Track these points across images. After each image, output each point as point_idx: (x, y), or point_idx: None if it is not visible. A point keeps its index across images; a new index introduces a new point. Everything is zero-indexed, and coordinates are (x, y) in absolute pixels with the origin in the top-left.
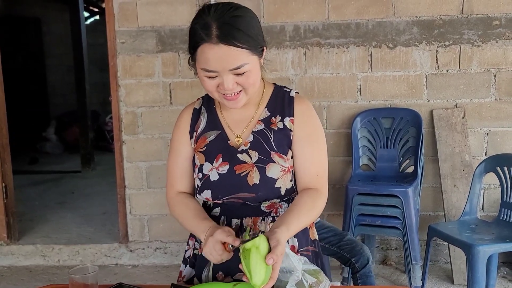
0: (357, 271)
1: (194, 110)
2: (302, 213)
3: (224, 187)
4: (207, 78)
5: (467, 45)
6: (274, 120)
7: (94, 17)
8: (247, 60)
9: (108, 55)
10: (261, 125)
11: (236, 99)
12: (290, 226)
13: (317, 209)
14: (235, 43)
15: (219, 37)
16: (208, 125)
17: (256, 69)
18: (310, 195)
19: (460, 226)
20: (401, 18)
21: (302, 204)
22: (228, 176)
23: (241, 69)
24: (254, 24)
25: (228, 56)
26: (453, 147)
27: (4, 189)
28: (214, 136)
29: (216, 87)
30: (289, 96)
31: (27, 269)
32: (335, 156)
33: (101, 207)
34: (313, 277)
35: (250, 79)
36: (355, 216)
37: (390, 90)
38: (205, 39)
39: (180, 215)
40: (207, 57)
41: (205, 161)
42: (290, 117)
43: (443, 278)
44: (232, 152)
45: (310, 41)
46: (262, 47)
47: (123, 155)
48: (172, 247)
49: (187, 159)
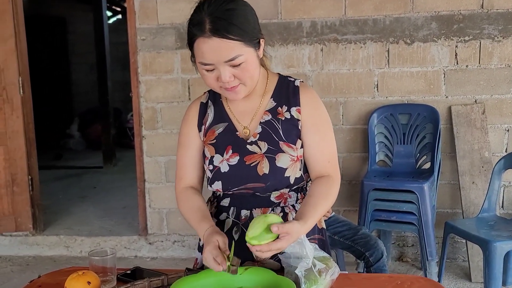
0: (371, 265)
1: (201, 104)
2: (319, 204)
3: (234, 178)
4: (206, 72)
5: (488, 40)
6: (281, 110)
7: (117, 16)
8: (241, 52)
9: (129, 52)
10: (268, 115)
11: (235, 90)
12: (307, 220)
13: (332, 196)
14: (227, 35)
15: (212, 30)
16: (215, 118)
17: (252, 61)
18: (323, 184)
19: (478, 223)
20: (419, 13)
21: (317, 195)
22: (238, 167)
23: (235, 60)
24: (247, 17)
25: (222, 49)
26: (472, 143)
27: (30, 181)
28: (223, 129)
29: (215, 80)
30: (294, 86)
31: (51, 259)
32: (351, 152)
33: (122, 201)
34: (323, 263)
35: (247, 71)
36: (371, 212)
37: (408, 86)
38: (199, 34)
39: (184, 213)
40: (203, 51)
41: (215, 153)
42: (297, 107)
43: (461, 275)
44: (241, 143)
45: (327, 37)
46: (258, 39)
47: (143, 149)
48: (190, 240)
49: (196, 152)
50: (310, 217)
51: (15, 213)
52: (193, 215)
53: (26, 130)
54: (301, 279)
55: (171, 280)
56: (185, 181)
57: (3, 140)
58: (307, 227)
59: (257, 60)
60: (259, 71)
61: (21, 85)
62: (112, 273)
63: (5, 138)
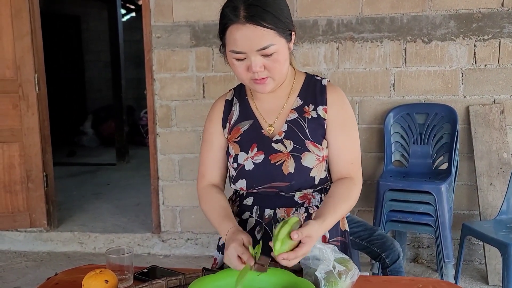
0: (387, 267)
1: (226, 101)
2: (338, 205)
3: (259, 176)
4: (236, 61)
5: (508, 39)
6: (307, 109)
7: (131, 14)
8: (274, 41)
9: (144, 50)
10: (294, 114)
11: (264, 82)
12: (326, 218)
13: (353, 199)
14: (261, 23)
15: (246, 17)
16: (241, 115)
17: (283, 52)
18: (344, 185)
19: (496, 225)
20: (437, 12)
21: (337, 196)
22: (263, 165)
23: (268, 49)
24: (282, 6)
25: (255, 36)
26: (490, 144)
27: (45, 178)
28: (248, 126)
29: (245, 71)
30: (321, 85)
31: (65, 255)
32: (367, 151)
33: (135, 198)
34: (342, 265)
35: (277, 62)
36: (386, 212)
37: (425, 86)
38: (233, 20)
39: (206, 211)
40: (235, 38)
41: (240, 151)
42: (323, 106)
43: (477, 278)
44: (266, 141)
45: (343, 35)
46: (290, 31)
47: (157, 147)
48: (203, 238)
49: (220, 149)
50: (328, 217)
51: (29, 209)
52: (216, 214)
53: (42, 127)
54: (321, 281)
55: (188, 279)
56: (207, 178)
57: (18, 136)
58: (326, 226)
59: (288, 52)
60: (288, 65)
61: (37, 82)
62: (129, 271)
63: (20, 135)
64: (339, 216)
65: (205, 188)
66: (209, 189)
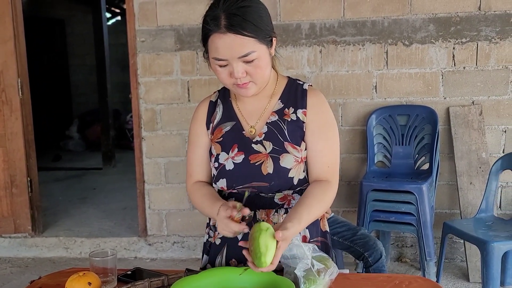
0: (370, 266)
1: (210, 103)
2: (313, 205)
3: (239, 176)
4: (219, 67)
5: (485, 42)
6: (287, 112)
7: (116, 18)
8: (254, 48)
9: (129, 54)
10: (275, 116)
11: (246, 87)
12: (301, 219)
13: (327, 201)
14: (242, 31)
15: (227, 26)
16: (224, 117)
17: (265, 58)
18: (320, 187)
19: (476, 223)
20: (417, 15)
21: (312, 196)
22: (243, 165)
23: (249, 56)
24: (261, 14)
25: (236, 44)
26: (470, 144)
27: (29, 183)
28: (230, 127)
29: (228, 76)
30: (302, 89)
31: (50, 260)
32: (350, 153)
33: (121, 202)
34: (321, 263)
35: (259, 68)
36: (369, 212)
37: (406, 88)
38: (214, 29)
39: (198, 203)
40: (217, 46)
41: (221, 151)
42: (303, 109)
43: (459, 275)
44: (247, 142)
45: (325, 39)
46: (271, 37)
47: (143, 151)
48: (189, 241)
49: (205, 149)
50: (304, 217)
51: (14, 215)
52: (206, 199)
53: (25, 131)
54: (300, 279)
55: (171, 280)
56: (194, 178)
57: (2, 141)
58: (301, 227)
59: (269, 58)
60: (270, 69)
61: (20, 87)
62: (112, 273)
63: (4, 140)
64: (313, 218)
65: (194, 185)
66: (197, 184)
